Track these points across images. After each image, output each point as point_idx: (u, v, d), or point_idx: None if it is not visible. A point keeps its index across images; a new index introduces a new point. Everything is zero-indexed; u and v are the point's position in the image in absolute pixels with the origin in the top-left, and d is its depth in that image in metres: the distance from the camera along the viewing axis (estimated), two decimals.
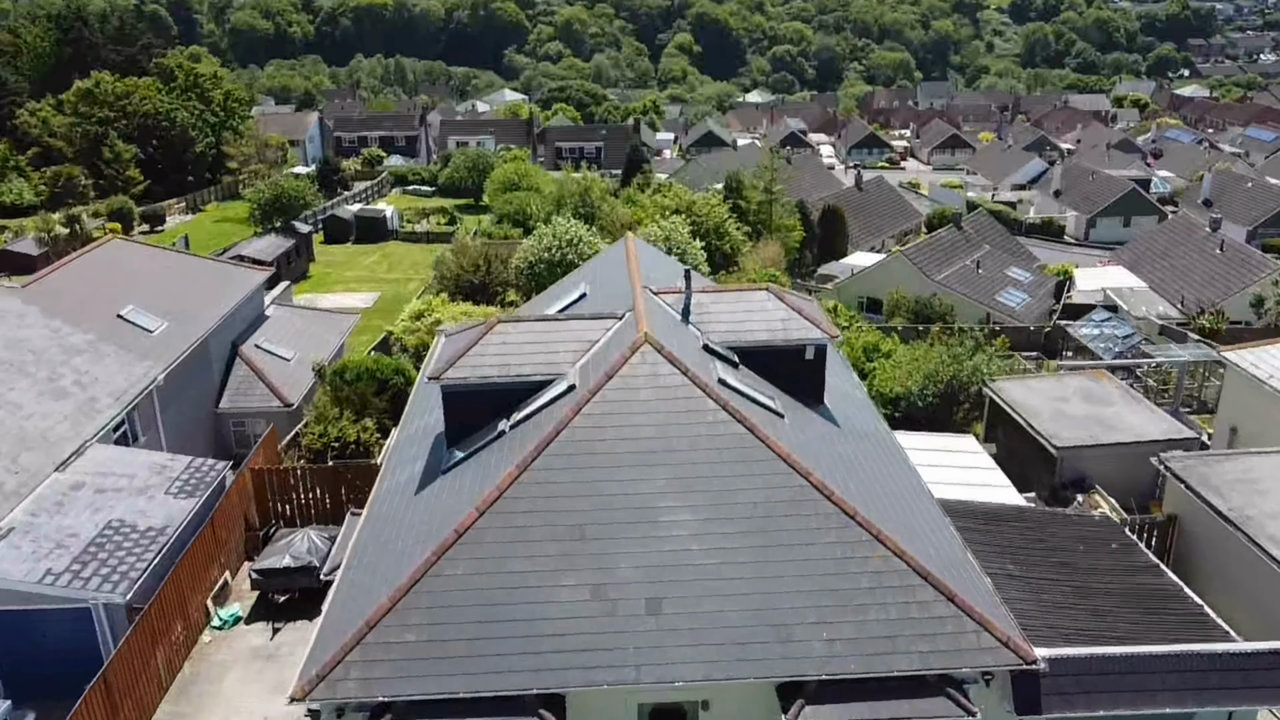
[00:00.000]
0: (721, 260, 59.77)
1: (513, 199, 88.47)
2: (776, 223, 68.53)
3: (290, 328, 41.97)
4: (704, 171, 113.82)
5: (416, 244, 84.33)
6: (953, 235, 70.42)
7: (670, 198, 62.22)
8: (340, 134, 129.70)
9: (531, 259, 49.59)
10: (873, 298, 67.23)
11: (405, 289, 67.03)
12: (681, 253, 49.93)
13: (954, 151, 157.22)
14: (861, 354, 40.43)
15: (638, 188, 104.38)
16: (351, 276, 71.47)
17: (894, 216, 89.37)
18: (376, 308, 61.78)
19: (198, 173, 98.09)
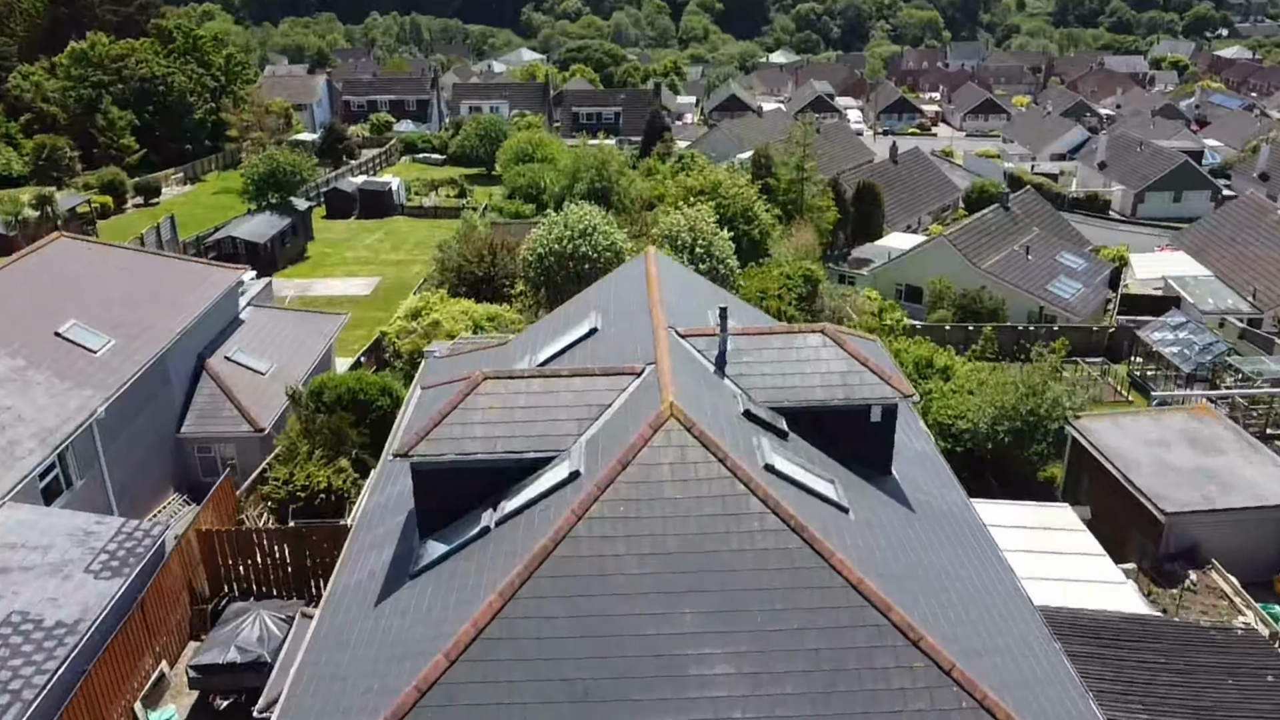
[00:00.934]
0: (750, 248, 54.51)
1: (525, 171, 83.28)
2: (809, 203, 63.13)
3: (268, 333, 37.25)
4: (728, 140, 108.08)
5: (423, 219, 79.35)
6: (999, 217, 64.83)
7: (695, 178, 56.88)
8: (349, 98, 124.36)
9: (541, 250, 44.57)
10: (912, 285, 61.98)
11: (408, 273, 62.18)
12: (708, 245, 44.81)
13: (987, 117, 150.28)
14: (913, 370, 35.41)
15: (658, 157, 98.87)
16: (352, 258, 66.66)
17: (931, 192, 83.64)
18: (376, 295, 57.01)
19: (197, 141, 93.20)
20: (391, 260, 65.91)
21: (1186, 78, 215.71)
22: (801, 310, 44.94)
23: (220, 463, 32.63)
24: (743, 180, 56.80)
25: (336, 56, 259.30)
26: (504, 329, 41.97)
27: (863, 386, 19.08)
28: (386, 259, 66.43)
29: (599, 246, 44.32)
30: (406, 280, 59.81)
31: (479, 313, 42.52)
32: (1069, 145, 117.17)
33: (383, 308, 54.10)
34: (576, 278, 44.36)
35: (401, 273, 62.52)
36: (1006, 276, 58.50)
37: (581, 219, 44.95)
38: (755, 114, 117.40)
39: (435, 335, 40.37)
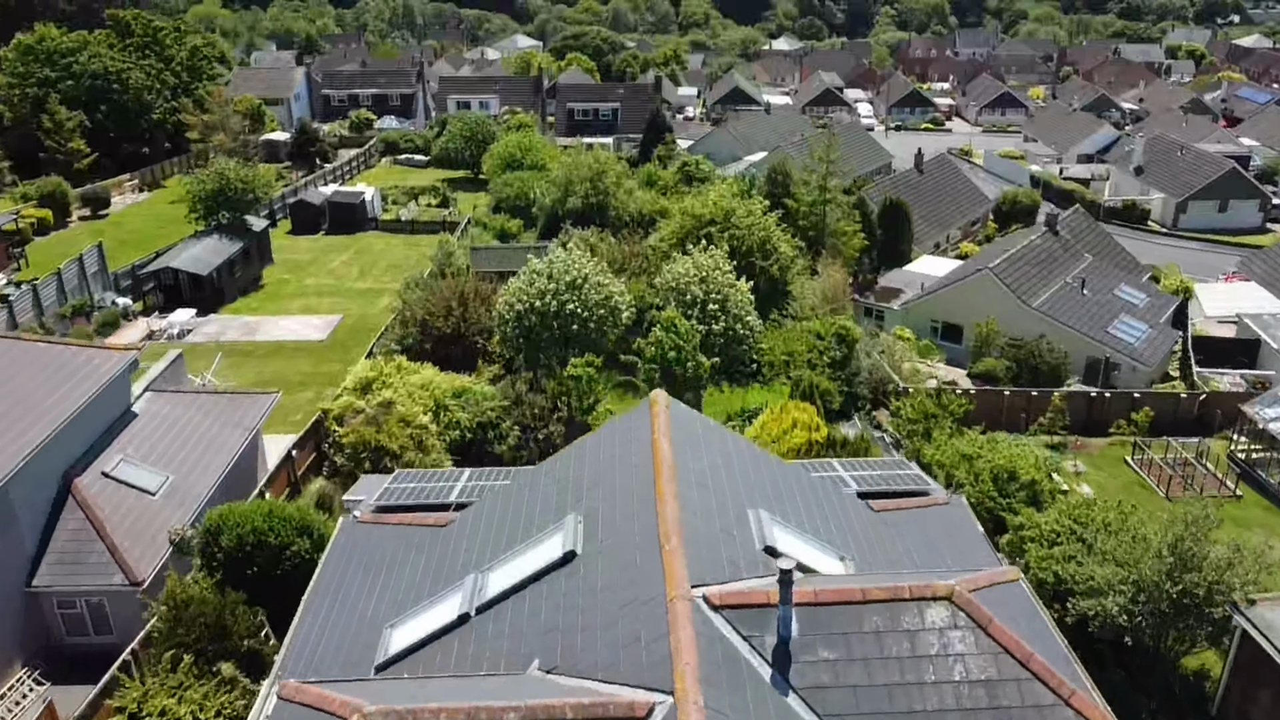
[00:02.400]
0: (768, 287, 46.34)
1: (514, 180, 74.89)
2: (833, 228, 54.85)
3: (169, 430, 29.07)
4: (734, 140, 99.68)
5: (399, 235, 70.98)
6: (1048, 243, 56.60)
7: (704, 205, 48.54)
8: (329, 91, 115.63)
9: (520, 306, 36.37)
10: (951, 323, 53.90)
11: (375, 307, 53.89)
12: (723, 299, 36.59)
13: (1004, 111, 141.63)
14: (990, 486, 27.27)
15: (659, 161, 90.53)
16: (313, 286, 58.32)
17: (961, 204, 75.36)
18: (333, 341, 48.72)
19: (156, 143, 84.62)
20: (358, 290, 57.58)
21: (1204, 68, 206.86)
22: (836, 379, 36.77)
23: (89, 621, 24.60)
24: (758, 207, 48.49)
25: (326, 42, 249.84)
26: (472, 408, 33.85)
27: (1025, 711, 11.07)
28: (352, 288, 58.10)
29: (590, 303, 36.12)
30: (371, 319, 51.59)
31: (443, 387, 34.42)
32: (1097, 145, 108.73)
33: (340, 357, 45.93)
34: (563, 341, 36.24)
35: (367, 307, 54.22)
36: (1061, 316, 50.37)
37: (569, 269, 36.72)
38: (763, 111, 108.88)
39: (386, 421, 32.28)
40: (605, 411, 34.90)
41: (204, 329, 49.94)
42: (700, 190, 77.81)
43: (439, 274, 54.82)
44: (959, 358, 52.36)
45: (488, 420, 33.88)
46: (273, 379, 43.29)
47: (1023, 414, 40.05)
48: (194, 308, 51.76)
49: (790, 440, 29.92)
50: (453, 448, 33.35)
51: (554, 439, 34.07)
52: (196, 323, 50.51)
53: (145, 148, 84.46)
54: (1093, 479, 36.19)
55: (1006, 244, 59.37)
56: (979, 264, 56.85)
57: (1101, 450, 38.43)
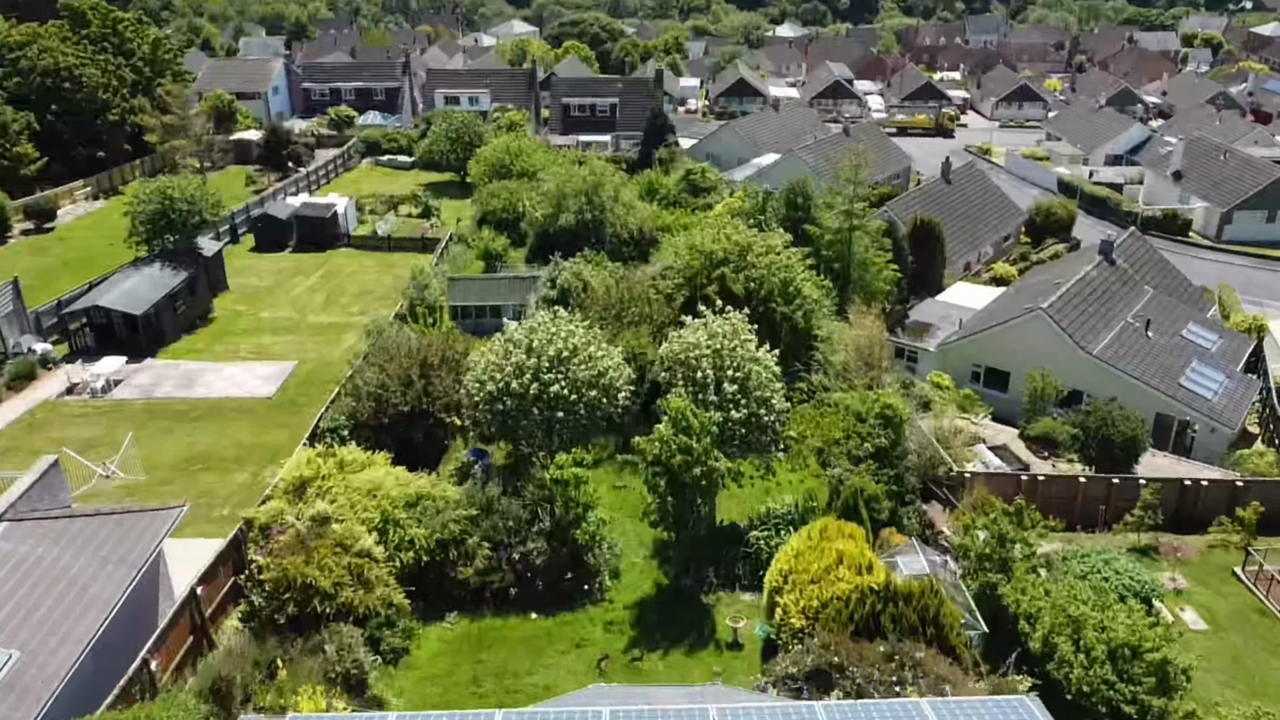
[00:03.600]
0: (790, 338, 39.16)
1: (501, 191, 67.47)
2: (861, 258, 47.58)
3: (23, 580, 21.99)
4: (741, 141, 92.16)
5: (374, 253, 63.64)
6: (1104, 275, 49.40)
7: (715, 238, 41.20)
8: (309, 85, 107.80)
9: (493, 388, 29.17)
10: (994, 368, 46.80)
11: (336, 349, 46.63)
12: (744, 379, 29.40)
13: (1022, 104, 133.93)
14: (1107, 669, 20.21)
15: (660, 167, 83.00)
16: (270, 321, 51.02)
17: (991, 218, 68.04)
18: (283, 398, 41.45)
19: (113, 146, 77.07)
20: (320, 325, 50.30)
21: (1222, 57, 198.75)
22: (883, 476, 29.66)
23: None
24: (778, 241, 41.20)
25: (317, 27, 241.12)
26: (431, 521, 26.79)
27: None
28: (314, 322, 50.81)
29: (579, 382, 28.96)
30: (331, 365, 44.36)
31: (393, 495, 27.29)
32: (1127, 145, 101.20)
33: (287, 420, 38.77)
34: (546, 428, 29.11)
35: (328, 348, 46.96)
36: (1126, 366, 43.26)
37: (553, 337, 29.52)
38: (771, 107, 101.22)
39: (318, 547, 25.25)
40: (598, 522, 27.82)
41: (135, 380, 42.71)
42: (706, 200, 70.81)
43: (408, 313, 47.70)
44: (1006, 409, 45.36)
45: (450, 536, 26.80)
46: (204, 454, 36.12)
47: (1101, 506, 33.04)
48: (127, 352, 44.56)
49: (834, 585, 22.88)
50: (404, 575, 26.29)
51: (533, 559, 27.02)
52: (128, 371, 43.30)
53: (101, 151, 76.86)
54: (1198, 599, 29.20)
55: (1056, 273, 52.05)
56: (1024, 297, 49.68)
57: (1202, 556, 31.39)
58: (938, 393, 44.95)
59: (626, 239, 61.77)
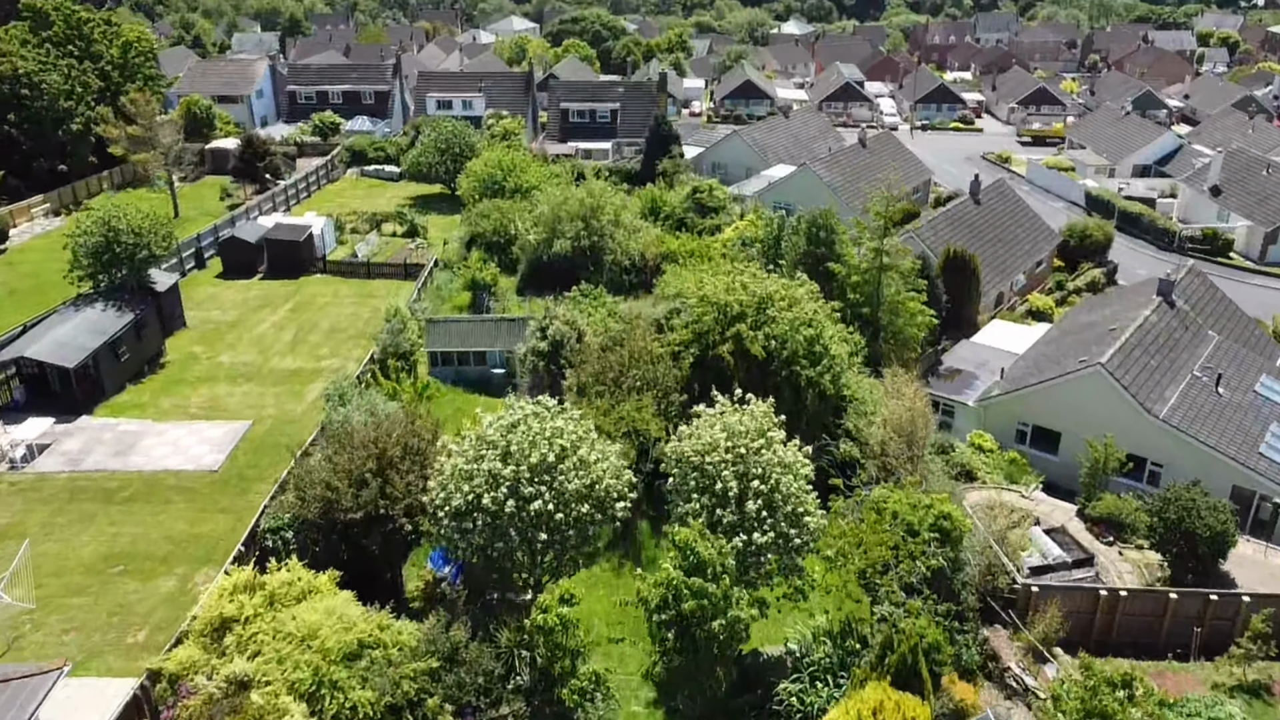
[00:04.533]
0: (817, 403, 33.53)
1: (491, 211, 61.65)
2: (892, 300, 41.74)
3: None
4: (750, 150, 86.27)
5: (351, 280, 57.91)
6: (1165, 320, 43.63)
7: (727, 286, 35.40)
8: (295, 87, 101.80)
9: (460, 502, 23.45)
10: (1042, 427, 41.05)
11: (299, 404, 40.92)
12: (770, 488, 23.68)
13: (1039, 108, 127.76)
14: None
15: (664, 180, 77.09)
16: (228, 366, 45.27)
17: (1023, 241, 62.17)
18: (230, 467, 35.72)
19: (77, 157, 71.27)
20: (284, 372, 44.57)
21: (1239, 57, 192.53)
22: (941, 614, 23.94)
23: None
24: (803, 291, 35.44)
25: (313, 23, 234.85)
26: (380, 678, 21.12)
27: None
28: (277, 368, 45.07)
29: (568, 496, 23.26)
30: (291, 424, 38.71)
31: (330, 644, 21.61)
32: (1156, 154, 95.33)
33: (232, 502, 33.09)
34: (529, 552, 23.43)
35: (290, 402, 41.25)
36: (1197, 431, 37.52)
37: (536, 440, 23.83)
38: (781, 114, 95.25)
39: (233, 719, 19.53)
40: (589, 675, 22.14)
41: (63, 445, 37.00)
42: (715, 221, 64.96)
43: (379, 363, 41.91)
44: (1057, 471, 39.75)
45: (403, 700, 21.15)
46: (128, 549, 30.41)
47: (1195, 628, 27.38)
48: (61, 408, 38.89)
49: None
50: None
51: None
52: (56, 434, 37.62)
53: (63, 164, 71.02)
54: None
55: (1107, 315, 46.21)
56: (1072, 343, 43.98)
57: None
58: (980, 458, 39.32)
59: (627, 266, 56.10)
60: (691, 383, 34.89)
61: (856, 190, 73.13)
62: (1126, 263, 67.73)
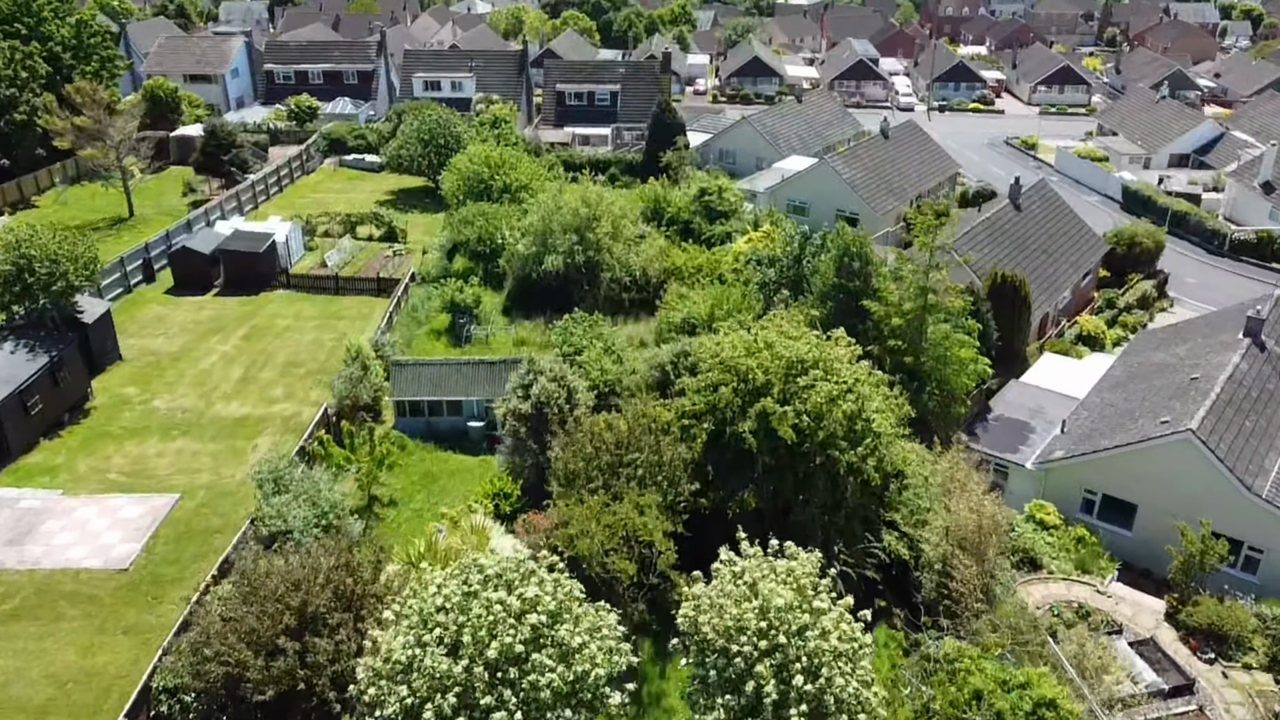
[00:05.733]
0: (860, 494, 27.12)
1: (477, 217, 54.83)
2: (938, 345, 35.04)
3: None
4: (761, 139, 79.14)
5: (318, 296, 51.25)
6: (1255, 367, 37.05)
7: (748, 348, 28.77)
8: (273, 66, 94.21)
9: (394, 711, 17.00)
10: (1116, 498, 34.63)
11: (238, 471, 34.41)
12: (821, 687, 17.23)
13: (1063, 88, 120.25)
14: None
15: (667, 173, 69.98)
16: (160, 415, 38.62)
17: (1069, 251, 55.33)
18: (145, 563, 29.28)
19: (23, 148, 64.21)
20: (227, 421, 38.03)
21: (1264, 31, 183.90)
22: None
23: None
24: (845, 351, 28.83)
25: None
26: None
27: None
28: (221, 416, 38.53)
29: (542, 703, 16.74)
30: (227, 497, 32.29)
31: None
32: (1194, 143, 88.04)
33: (140, 613, 26.70)
34: None
35: (228, 464, 34.75)
36: None
37: (499, 621, 17.28)
38: (794, 99, 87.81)
39: None
40: None
41: None
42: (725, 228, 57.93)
43: (335, 419, 35.35)
44: (1131, 550, 33.49)
45: None
46: None
47: None
48: None
49: None
50: None
51: None
52: None
53: (6, 158, 64.01)
54: None
55: (1182, 355, 39.53)
56: (1143, 390, 37.44)
57: None
58: (1043, 537, 32.98)
59: (627, 283, 49.43)
60: (704, 464, 28.47)
61: (878, 186, 66.24)
62: (1173, 268, 61.06)
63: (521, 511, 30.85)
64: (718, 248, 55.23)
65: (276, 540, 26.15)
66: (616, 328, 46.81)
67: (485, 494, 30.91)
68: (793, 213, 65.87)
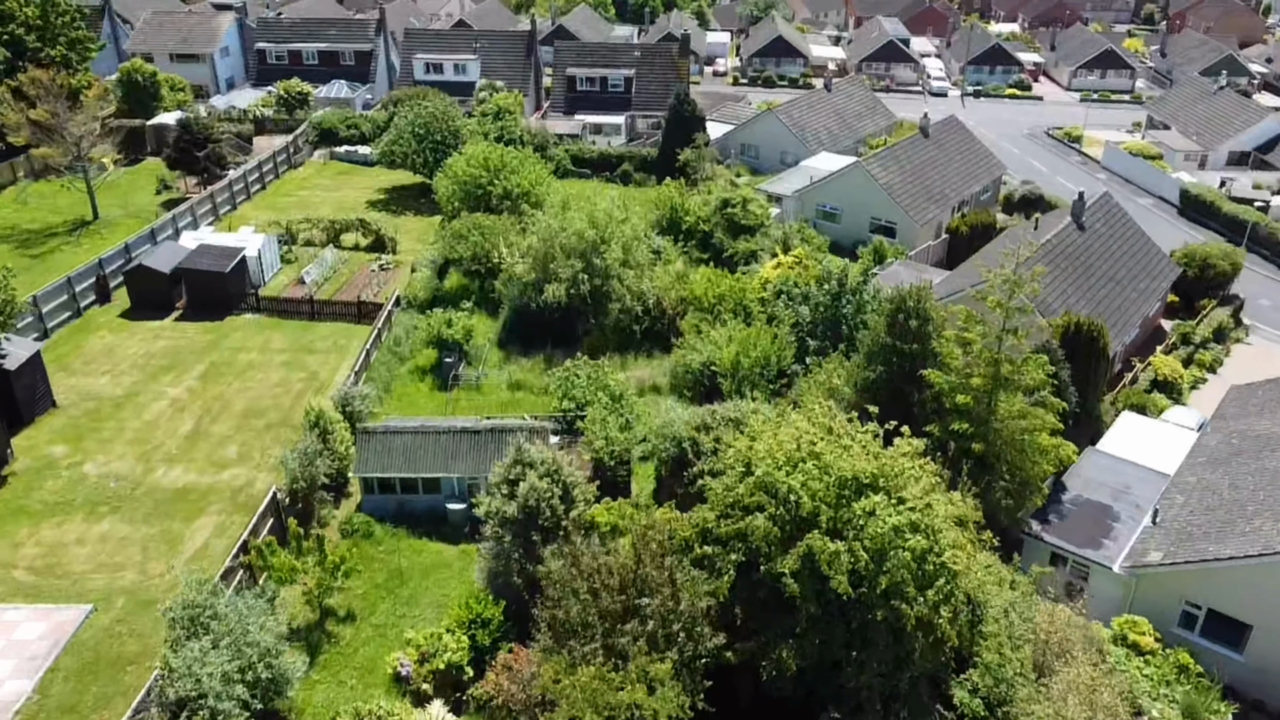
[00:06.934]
0: (930, 653, 21.04)
1: (471, 231, 48.47)
2: (1010, 426, 28.63)
3: None
4: (787, 133, 72.25)
5: (290, 322, 45.10)
6: None
7: (782, 454, 22.55)
8: (265, 45, 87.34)
9: None
10: (1230, 617, 28.43)
11: (167, 570, 28.50)
12: None
13: (1105, 73, 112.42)
14: None
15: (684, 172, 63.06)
16: (91, 484, 32.68)
17: (1139, 279, 48.59)
18: (38, 709, 23.61)
19: None
20: (167, 492, 32.06)
21: None
22: None
23: None
24: (908, 469, 22.56)
25: None
26: None
27: None
28: (160, 484, 32.55)
29: None
30: (153, 605, 26.43)
31: None
32: (1256, 140, 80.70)
33: None
34: None
35: (160, 554, 28.85)
36: None
37: None
38: (822, 85, 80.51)
39: None
40: None
41: None
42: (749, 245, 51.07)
43: (287, 500, 29.23)
44: (1240, 675, 27.40)
45: None
46: None
47: None
48: None
49: None
50: None
51: None
52: None
53: None
54: None
55: None
56: (1251, 466, 31.06)
57: None
58: (1138, 665, 26.87)
59: (639, 313, 43.11)
60: (731, 608, 22.40)
61: (918, 192, 59.50)
62: (1246, 288, 54.45)
63: (504, 640, 24.95)
64: (741, 269, 48.88)
65: (186, 708, 20.28)
66: (626, 370, 40.72)
67: (458, 621, 24.92)
68: (822, 220, 59.41)
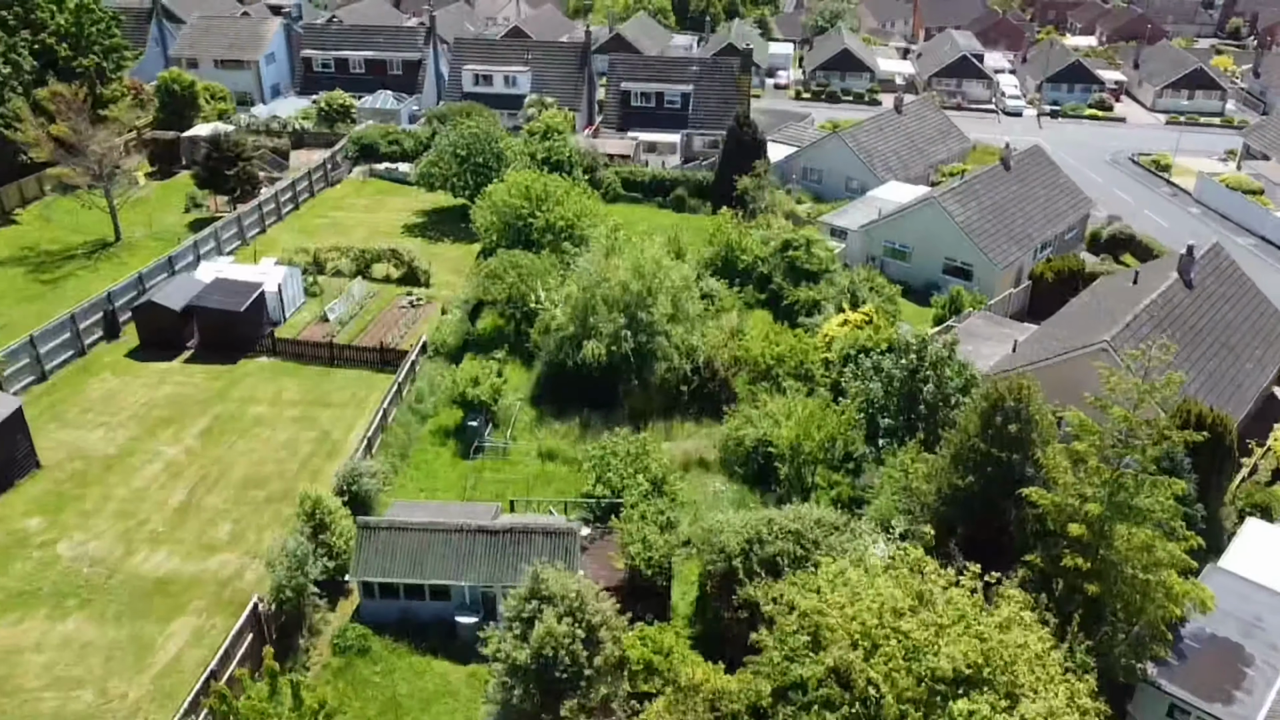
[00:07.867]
0: None
1: (509, 270, 44.03)
2: (1130, 562, 23.46)
3: None
4: (853, 158, 67.00)
5: (308, 368, 41.12)
6: None
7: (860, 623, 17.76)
8: (310, 53, 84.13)
9: None
10: None
11: (135, 687, 24.41)
12: None
13: (1193, 94, 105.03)
14: None
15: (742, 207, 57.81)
16: (60, 571, 28.80)
17: (1252, 346, 42.73)
18: None
19: (2, 156, 55.38)
20: (146, 582, 28.01)
21: None
22: None
23: None
24: (1035, 648, 17.57)
25: None
26: None
27: None
28: (139, 571, 28.63)
29: None
30: None
31: None
32: None
33: None
34: None
35: (125, 668, 24.84)
36: None
37: None
38: (898, 106, 74.86)
39: None
40: None
41: None
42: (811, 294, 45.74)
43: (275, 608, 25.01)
44: None
45: None
46: None
47: None
48: None
49: None
50: None
51: None
52: None
53: None
54: None
55: None
56: None
57: None
58: None
59: (688, 374, 38.41)
60: None
61: (998, 231, 54.03)
62: None
63: None
64: (803, 319, 43.95)
65: None
66: (671, 438, 36.12)
67: None
68: (890, 257, 54.33)
